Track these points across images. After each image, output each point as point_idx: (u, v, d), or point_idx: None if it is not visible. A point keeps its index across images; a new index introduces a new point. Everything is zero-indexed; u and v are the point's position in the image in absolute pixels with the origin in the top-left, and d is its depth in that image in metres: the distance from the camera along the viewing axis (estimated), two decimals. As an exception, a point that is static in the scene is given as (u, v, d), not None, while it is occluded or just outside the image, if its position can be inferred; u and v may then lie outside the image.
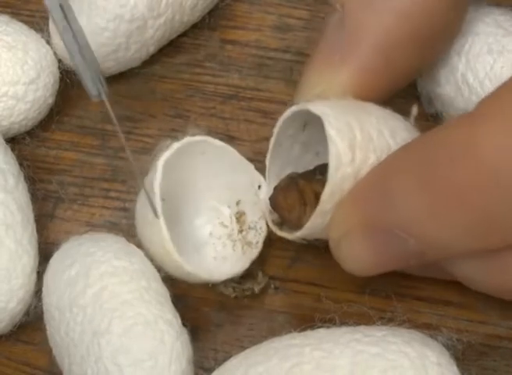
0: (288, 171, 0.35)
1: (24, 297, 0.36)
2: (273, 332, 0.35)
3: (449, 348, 0.33)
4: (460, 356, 0.33)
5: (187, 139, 0.36)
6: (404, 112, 0.35)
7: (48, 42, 0.40)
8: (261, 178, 0.36)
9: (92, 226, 0.39)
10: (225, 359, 0.34)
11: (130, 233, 0.39)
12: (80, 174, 0.41)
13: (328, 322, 0.34)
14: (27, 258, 0.36)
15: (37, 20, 0.42)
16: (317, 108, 0.32)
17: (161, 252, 0.34)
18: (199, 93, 0.42)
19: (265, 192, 0.36)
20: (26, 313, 0.36)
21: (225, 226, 0.37)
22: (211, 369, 0.34)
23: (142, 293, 0.34)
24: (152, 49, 0.41)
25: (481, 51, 0.37)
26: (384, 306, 0.37)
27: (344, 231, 0.31)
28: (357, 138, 0.31)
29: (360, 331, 0.32)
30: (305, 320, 0.35)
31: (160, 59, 0.43)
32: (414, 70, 0.36)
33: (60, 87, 0.41)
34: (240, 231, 0.37)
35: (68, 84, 0.41)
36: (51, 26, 0.40)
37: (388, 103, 0.35)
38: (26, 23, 0.41)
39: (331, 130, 0.31)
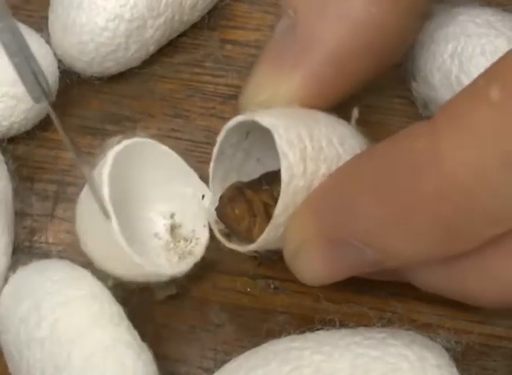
0: (231, 179, 0.35)
1: None
2: (273, 332, 0.35)
3: (449, 348, 0.33)
4: (459, 357, 0.33)
5: (136, 139, 0.35)
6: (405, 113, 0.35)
7: (48, 42, 0.40)
8: (205, 187, 0.35)
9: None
10: (224, 360, 0.34)
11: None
12: (80, 174, 0.40)
13: (327, 323, 0.34)
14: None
15: (36, 20, 0.42)
16: (265, 119, 0.31)
17: (106, 245, 0.34)
18: (199, 93, 0.42)
19: (210, 202, 0.35)
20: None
21: (160, 238, 0.37)
22: (211, 370, 0.35)
23: (96, 318, 0.33)
24: (152, 49, 0.41)
25: (474, 52, 0.37)
26: (384, 306, 0.37)
27: (299, 243, 0.31)
28: (308, 148, 0.30)
29: (360, 333, 0.32)
30: (305, 320, 0.35)
31: (159, 59, 0.43)
32: (366, 79, 0.35)
33: (60, 87, 0.41)
34: (176, 242, 0.37)
35: (68, 84, 0.41)
36: (51, 26, 0.40)
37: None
38: (26, 23, 0.41)
39: (281, 143, 0.30)
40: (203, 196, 0.35)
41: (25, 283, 0.35)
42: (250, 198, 0.32)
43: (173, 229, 0.37)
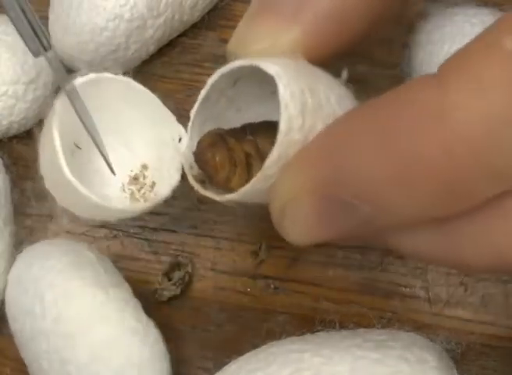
0: (209, 126, 0.33)
1: None
2: (273, 332, 0.35)
3: (449, 348, 0.33)
4: (459, 357, 0.33)
5: (107, 75, 0.34)
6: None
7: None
8: (183, 130, 0.34)
9: (91, 226, 0.39)
10: (224, 360, 0.34)
11: (130, 234, 0.39)
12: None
13: (327, 324, 0.34)
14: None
15: (36, 20, 0.42)
16: (270, 67, 0.29)
17: (57, 179, 0.33)
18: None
19: (186, 145, 0.33)
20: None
21: (128, 178, 0.35)
22: (211, 370, 0.35)
23: (99, 308, 0.34)
24: (152, 49, 0.41)
25: None
26: (384, 306, 0.37)
27: (289, 198, 0.29)
28: (308, 103, 0.29)
29: (360, 335, 0.32)
30: (305, 321, 0.35)
31: (159, 59, 0.43)
32: (365, 30, 0.33)
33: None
34: (143, 185, 0.35)
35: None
36: (51, 27, 0.40)
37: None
38: (25, 22, 0.41)
39: (285, 94, 0.28)
40: (180, 139, 0.34)
41: (28, 273, 0.35)
42: (232, 147, 0.31)
43: (144, 169, 0.36)
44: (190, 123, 0.32)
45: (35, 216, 0.39)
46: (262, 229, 0.38)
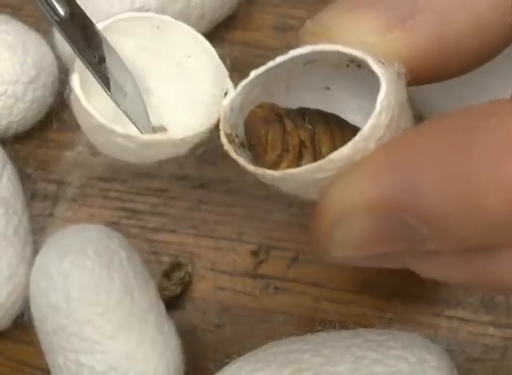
0: (257, 92, 0.30)
1: (15, 289, 0.36)
2: (273, 332, 0.35)
3: (449, 348, 0.33)
4: (460, 357, 0.33)
5: (166, 17, 0.32)
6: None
7: (48, 42, 0.40)
8: (231, 85, 0.31)
9: (92, 227, 0.39)
10: (224, 360, 0.34)
11: (130, 234, 0.39)
12: (80, 174, 0.41)
13: (328, 324, 0.34)
14: (13, 251, 0.36)
15: (36, 20, 0.42)
16: (379, 67, 0.27)
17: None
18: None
19: (230, 100, 0.30)
20: (26, 310, 0.36)
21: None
22: (211, 370, 0.35)
23: (123, 316, 0.34)
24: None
25: None
26: (384, 307, 0.37)
27: (345, 208, 0.27)
28: (394, 120, 0.27)
29: (360, 335, 0.32)
30: (305, 321, 0.35)
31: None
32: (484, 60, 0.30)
33: (61, 87, 0.41)
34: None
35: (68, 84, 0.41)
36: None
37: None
38: (26, 22, 0.41)
39: (384, 100, 0.27)
40: (225, 93, 0.31)
41: (60, 263, 0.35)
42: (289, 130, 0.29)
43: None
44: (246, 80, 0.29)
45: (35, 216, 0.39)
46: (262, 229, 0.39)
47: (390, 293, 0.37)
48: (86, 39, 0.30)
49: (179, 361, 0.35)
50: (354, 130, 0.29)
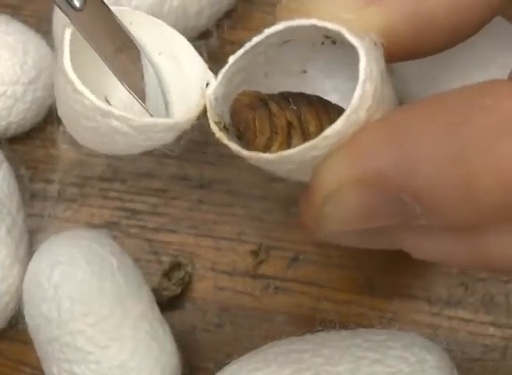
0: (238, 79, 0.30)
1: (8, 290, 0.36)
2: (273, 333, 0.35)
3: (449, 348, 0.33)
4: (460, 357, 0.33)
5: (142, 13, 0.32)
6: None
7: (48, 43, 0.40)
8: (211, 75, 0.31)
9: (92, 227, 0.39)
10: (225, 360, 0.34)
11: (130, 234, 0.39)
12: (80, 174, 0.41)
13: (328, 324, 0.34)
14: (6, 252, 0.36)
15: (36, 20, 0.42)
16: (354, 37, 0.27)
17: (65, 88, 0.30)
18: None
19: (213, 90, 0.30)
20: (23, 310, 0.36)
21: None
22: (211, 370, 0.35)
23: (115, 327, 0.34)
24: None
25: None
26: (384, 306, 0.37)
27: (337, 183, 0.26)
28: (378, 89, 0.27)
29: (360, 335, 0.32)
30: (305, 321, 0.35)
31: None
32: (465, 36, 0.29)
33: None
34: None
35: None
36: (55, 29, 0.40)
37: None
38: (26, 23, 0.41)
39: (366, 69, 0.27)
40: (207, 84, 0.31)
41: (50, 272, 0.35)
42: (275, 113, 0.29)
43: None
44: (225, 67, 0.30)
45: (35, 216, 0.39)
46: (262, 229, 0.39)
47: (390, 293, 0.37)
48: (103, 30, 0.30)
49: (174, 365, 0.35)
50: (337, 108, 0.29)
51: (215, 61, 0.43)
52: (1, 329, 0.37)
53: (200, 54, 0.34)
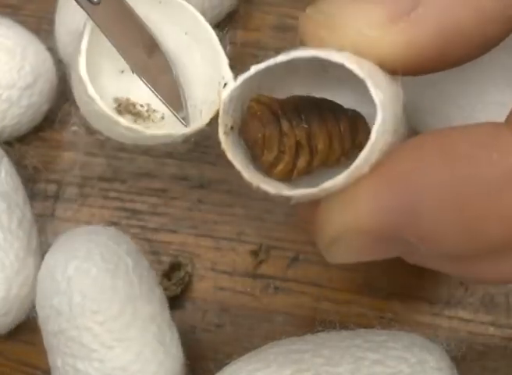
0: (256, 80, 0.29)
1: (25, 282, 0.36)
2: (273, 333, 0.35)
3: (450, 349, 0.33)
4: (460, 357, 0.33)
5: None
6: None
7: (49, 49, 0.40)
8: (231, 76, 0.31)
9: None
10: (225, 360, 0.34)
11: (130, 234, 0.39)
12: (80, 174, 0.41)
13: (328, 324, 0.34)
14: (19, 244, 0.36)
15: (36, 20, 0.42)
16: (374, 88, 0.26)
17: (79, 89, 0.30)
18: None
19: (230, 92, 0.29)
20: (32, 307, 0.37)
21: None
22: (211, 370, 0.35)
23: (123, 327, 0.34)
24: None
25: None
26: (384, 307, 0.37)
27: (342, 229, 0.27)
28: (388, 140, 0.27)
29: (360, 336, 0.32)
30: (305, 321, 0.35)
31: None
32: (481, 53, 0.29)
33: (63, 90, 0.41)
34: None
35: (69, 83, 0.41)
36: (57, 31, 0.40)
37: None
38: (26, 23, 0.41)
39: (380, 126, 0.26)
40: (225, 84, 0.31)
41: (65, 266, 0.35)
42: (285, 131, 0.28)
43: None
44: (246, 75, 0.29)
45: (35, 216, 0.39)
46: (262, 229, 0.39)
47: (390, 293, 0.37)
48: (122, 25, 0.30)
49: (178, 369, 0.35)
50: (348, 115, 0.29)
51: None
52: (22, 321, 0.37)
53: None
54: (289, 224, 0.38)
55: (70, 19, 0.40)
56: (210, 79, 0.31)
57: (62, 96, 0.41)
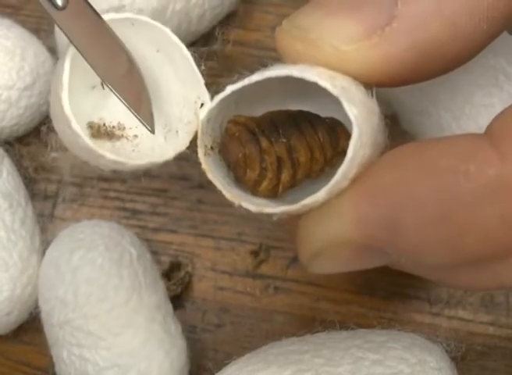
0: (232, 98, 0.29)
1: (29, 281, 0.36)
2: (273, 333, 0.35)
3: (450, 349, 0.33)
4: (460, 357, 0.33)
5: (143, 18, 0.31)
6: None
7: (49, 50, 0.40)
8: (207, 96, 0.30)
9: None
10: (224, 360, 0.34)
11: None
12: (80, 174, 0.41)
13: (328, 324, 0.34)
14: (23, 243, 0.36)
15: (36, 20, 0.42)
16: (350, 107, 0.26)
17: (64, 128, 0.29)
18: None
19: (206, 114, 0.29)
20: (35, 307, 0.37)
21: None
22: (211, 370, 0.35)
23: (130, 315, 0.34)
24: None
25: None
26: (384, 307, 0.37)
27: (324, 244, 0.27)
28: (365, 133, 0.27)
29: (360, 336, 0.32)
30: (305, 321, 0.35)
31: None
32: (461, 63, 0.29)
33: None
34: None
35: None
36: (57, 32, 0.40)
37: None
38: (25, 23, 0.41)
39: (356, 142, 0.26)
40: (202, 104, 0.30)
41: (70, 256, 0.35)
42: (265, 149, 0.28)
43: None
44: (221, 95, 0.29)
45: (35, 216, 0.39)
46: (262, 229, 0.39)
47: (390, 293, 0.37)
48: (89, 32, 0.29)
49: (184, 362, 0.35)
50: (326, 124, 0.29)
51: (215, 61, 0.43)
52: (24, 321, 0.37)
53: (200, 55, 0.34)
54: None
55: (70, 19, 0.40)
56: (184, 98, 0.31)
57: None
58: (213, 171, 0.28)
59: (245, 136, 0.29)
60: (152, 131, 0.29)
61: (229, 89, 0.28)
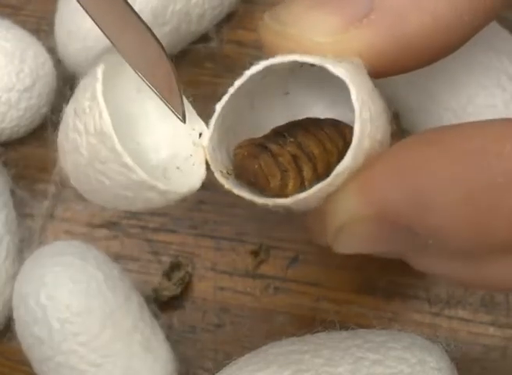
0: (227, 122, 0.30)
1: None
2: (273, 333, 0.35)
3: (450, 349, 0.33)
4: (460, 357, 0.33)
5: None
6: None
7: (49, 51, 0.40)
8: (203, 124, 0.31)
9: (92, 227, 0.39)
10: (224, 360, 0.34)
11: (130, 234, 0.39)
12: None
13: (328, 324, 0.34)
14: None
15: (36, 21, 0.42)
16: (339, 69, 0.27)
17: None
18: (198, 93, 0.42)
19: (209, 140, 0.30)
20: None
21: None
22: (211, 370, 0.35)
23: (105, 345, 0.34)
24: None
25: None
26: (384, 306, 0.37)
27: (349, 218, 0.27)
28: (372, 112, 0.27)
29: (360, 336, 0.32)
30: (305, 321, 0.35)
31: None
32: (446, 52, 0.29)
33: (64, 91, 0.40)
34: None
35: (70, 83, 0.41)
36: (57, 32, 0.40)
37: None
38: (26, 23, 0.41)
39: (357, 99, 0.27)
40: (200, 134, 0.31)
41: (38, 293, 0.35)
42: (276, 152, 0.29)
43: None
44: (215, 116, 0.30)
45: (35, 216, 0.39)
46: (262, 229, 0.39)
47: (390, 293, 0.37)
48: (114, 16, 0.29)
49: (171, 369, 0.35)
50: (328, 122, 0.29)
51: (215, 62, 0.43)
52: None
53: (200, 55, 0.35)
54: (289, 224, 0.38)
55: (70, 19, 0.40)
56: (174, 134, 0.31)
57: (62, 98, 0.41)
58: (237, 188, 0.29)
59: (254, 150, 0.29)
60: (183, 120, 0.29)
61: (218, 107, 0.29)
